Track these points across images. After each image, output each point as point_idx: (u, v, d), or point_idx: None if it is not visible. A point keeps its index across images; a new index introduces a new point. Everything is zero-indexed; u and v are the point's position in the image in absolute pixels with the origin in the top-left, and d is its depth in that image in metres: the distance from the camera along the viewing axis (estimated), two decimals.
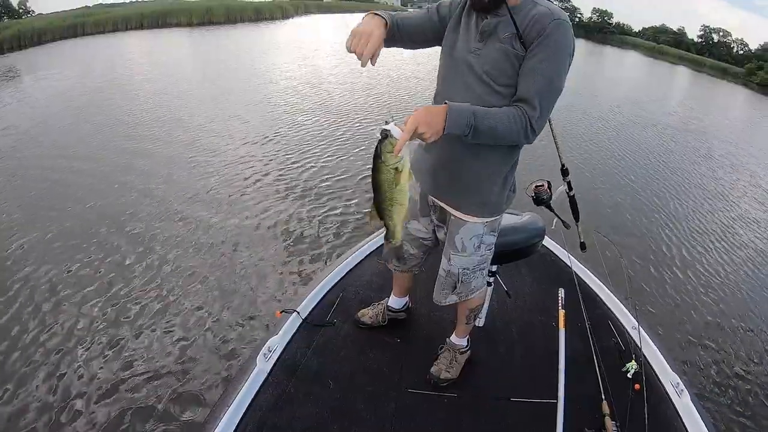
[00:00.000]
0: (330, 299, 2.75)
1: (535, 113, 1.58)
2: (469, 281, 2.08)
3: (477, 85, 1.69)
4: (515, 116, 1.58)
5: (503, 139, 1.63)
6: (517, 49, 1.60)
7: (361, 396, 2.21)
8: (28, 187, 6.32)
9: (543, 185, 2.35)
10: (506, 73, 1.64)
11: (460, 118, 1.54)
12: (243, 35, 29.04)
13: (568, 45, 1.58)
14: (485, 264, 2.09)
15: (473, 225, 1.93)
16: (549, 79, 1.58)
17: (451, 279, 2.07)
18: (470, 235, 1.95)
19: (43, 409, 3.03)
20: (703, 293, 4.90)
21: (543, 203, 2.34)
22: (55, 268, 4.49)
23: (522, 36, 1.58)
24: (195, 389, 3.20)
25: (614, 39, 70.41)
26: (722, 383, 3.69)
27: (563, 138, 2.54)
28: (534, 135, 1.62)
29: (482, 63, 1.67)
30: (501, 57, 1.63)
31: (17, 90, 12.81)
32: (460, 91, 1.73)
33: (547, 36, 1.54)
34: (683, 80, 33.40)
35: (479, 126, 1.55)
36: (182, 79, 14.10)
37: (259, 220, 5.57)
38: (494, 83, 1.66)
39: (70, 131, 8.93)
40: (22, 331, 3.70)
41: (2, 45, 25.24)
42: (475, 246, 1.98)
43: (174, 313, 3.92)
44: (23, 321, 3.82)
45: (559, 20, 1.55)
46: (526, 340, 2.61)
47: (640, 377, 2.20)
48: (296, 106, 11.17)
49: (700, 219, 6.94)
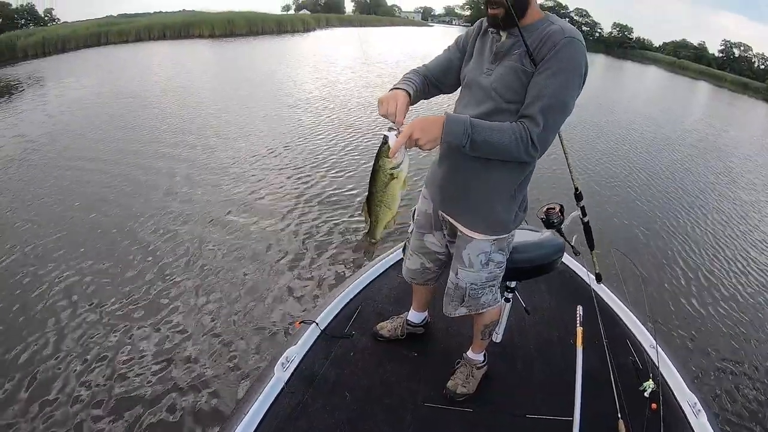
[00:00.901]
0: (349, 311, 2.77)
1: (537, 128, 1.57)
2: (478, 296, 2.08)
3: (487, 102, 1.72)
4: (516, 131, 1.58)
5: (503, 153, 1.62)
6: (525, 65, 1.61)
7: (377, 408, 2.22)
8: (56, 187, 6.51)
9: (554, 208, 2.36)
10: (513, 88, 1.65)
11: (457, 128, 1.56)
12: (265, 47, 29.42)
13: (579, 63, 1.57)
14: (495, 281, 2.09)
15: (480, 242, 1.94)
16: (555, 95, 1.57)
17: (459, 292, 2.09)
18: (477, 252, 1.96)
19: (64, 415, 3.08)
20: (724, 314, 4.82)
21: (553, 227, 2.35)
22: (71, 270, 4.63)
23: (532, 53, 1.59)
24: (212, 397, 3.23)
25: (634, 54, 70.28)
26: (740, 405, 3.63)
27: (578, 158, 2.55)
28: (536, 150, 1.61)
29: (491, 81, 1.70)
30: (509, 73, 1.65)
31: (35, 96, 13.25)
32: (472, 108, 1.76)
33: (557, 51, 1.54)
34: (703, 96, 33.04)
35: (476, 137, 1.57)
36: (202, 88, 14.38)
37: (280, 228, 5.64)
38: (501, 99, 1.68)
39: (90, 137, 9.24)
40: (31, 333, 3.80)
41: (26, 51, 25.89)
42: (482, 263, 1.99)
43: (193, 319, 3.98)
44: (30, 322, 3.95)
45: (571, 38, 1.55)
46: (544, 357, 2.61)
47: (657, 396, 2.19)
48: (320, 116, 11.41)
49: (718, 239, 6.83)
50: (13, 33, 30.85)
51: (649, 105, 20.73)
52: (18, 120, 10.75)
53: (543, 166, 7.79)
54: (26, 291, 4.35)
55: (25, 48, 26.31)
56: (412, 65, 1.92)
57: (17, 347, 3.64)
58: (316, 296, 4.32)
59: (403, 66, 21.20)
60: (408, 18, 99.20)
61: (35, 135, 9.34)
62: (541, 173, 7.47)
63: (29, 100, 12.96)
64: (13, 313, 4.04)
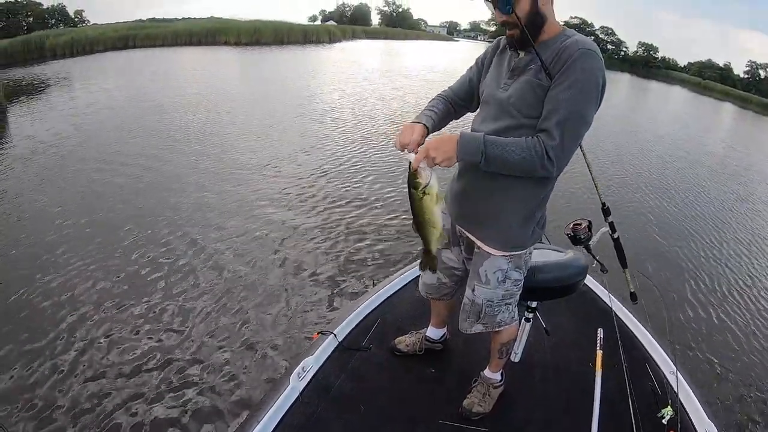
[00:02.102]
0: (367, 324, 2.77)
1: (553, 142, 1.58)
2: (494, 314, 2.08)
3: (504, 117, 1.74)
4: (531, 145, 1.60)
5: (519, 168, 1.64)
6: (541, 79, 1.63)
7: (392, 424, 2.22)
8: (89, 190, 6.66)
9: (581, 224, 2.32)
10: (529, 102, 1.66)
11: (471, 145, 1.62)
12: (287, 57, 29.74)
13: (595, 75, 1.57)
14: (512, 299, 2.09)
15: (497, 258, 1.94)
16: (570, 107, 1.57)
17: (475, 309, 2.08)
18: (494, 269, 1.96)
19: (75, 414, 3.13)
20: (747, 340, 4.73)
21: (580, 243, 2.31)
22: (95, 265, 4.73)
23: (548, 67, 1.60)
24: (225, 402, 3.27)
25: (659, 73, 69.67)
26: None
27: (602, 176, 2.53)
28: (552, 164, 1.61)
29: (508, 96, 1.72)
30: (525, 88, 1.67)
31: (58, 96, 13.74)
32: (489, 123, 1.79)
33: (572, 63, 1.55)
34: (728, 117, 32.63)
35: (490, 153, 1.61)
36: (224, 94, 14.72)
37: (300, 236, 5.71)
38: (519, 114, 1.69)
39: (115, 139, 9.52)
40: (47, 333, 3.87)
41: (55, 51, 26.61)
42: (499, 280, 1.98)
43: (208, 325, 4.03)
44: (46, 313, 4.08)
45: (585, 49, 1.56)
46: (562, 379, 2.59)
47: (675, 423, 2.15)
48: (347, 123, 11.65)
49: (743, 265, 6.72)
50: (43, 32, 31.72)
51: (674, 126, 20.52)
52: (43, 116, 11.16)
53: (564, 186, 7.85)
54: (47, 279, 4.54)
55: (54, 47, 27.11)
56: (433, 78, 1.96)
57: (31, 336, 3.77)
58: (335, 308, 4.34)
59: (425, 79, 21.34)
60: (434, 32, 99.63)
61: (64, 130, 9.79)
62: (561, 192, 7.48)
63: (52, 99, 13.51)
64: (30, 304, 4.19)
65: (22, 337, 3.77)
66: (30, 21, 54.73)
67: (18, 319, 3.99)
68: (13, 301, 4.22)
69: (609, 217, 2.34)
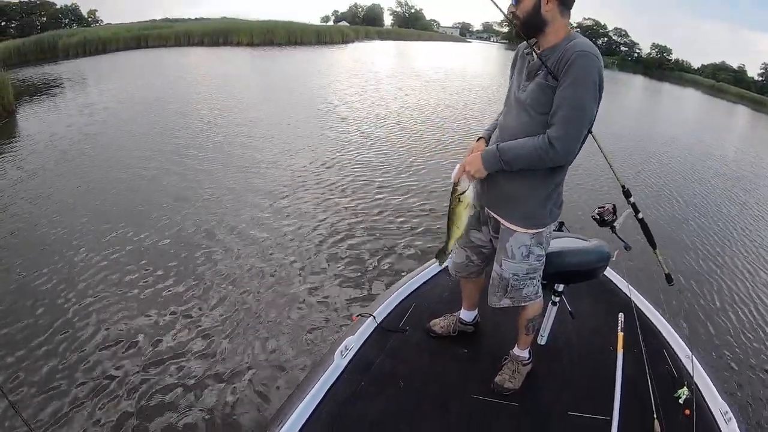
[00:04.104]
0: (404, 307, 2.97)
1: (557, 134, 1.86)
2: (520, 288, 2.30)
3: (523, 115, 2.02)
4: (536, 143, 1.91)
5: (533, 163, 1.95)
6: (549, 81, 1.89)
7: (429, 398, 2.38)
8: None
9: (606, 207, 2.54)
10: (541, 102, 1.93)
11: (491, 158, 2.01)
12: (300, 57, 29.89)
13: (591, 73, 1.82)
14: (536, 274, 2.31)
15: (521, 235, 2.18)
16: (571, 104, 1.83)
17: (503, 283, 2.30)
18: (519, 245, 2.20)
19: (129, 392, 3.35)
20: (763, 325, 4.91)
21: (606, 224, 2.51)
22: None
23: (552, 70, 1.86)
24: (275, 376, 3.54)
25: (673, 75, 69.04)
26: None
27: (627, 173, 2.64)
28: (557, 154, 1.88)
29: (526, 97, 2.00)
30: (538, 89, 1.94)
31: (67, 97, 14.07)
32: (512, 121, 2.09)
33: (570, 65, 1.80)
34: (742, 120, 32.34)
35: (506, 158, 1.97)
36: (235, 97, 14.92)
37: (336, 228, 6.02)
38: (534, 112, 1.97)
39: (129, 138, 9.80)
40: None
41: (68, 50, 26.84)
42: (523, 254, 2.22)
43: (254, 312, 4.29)
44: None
45: (582, 51, 1.80)
46: (585, 360, 2.75)
47: (690, 403, 2.30)
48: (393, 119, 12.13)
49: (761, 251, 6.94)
50: (56, 32, 32.03)
51: (685, 129, 20.45)
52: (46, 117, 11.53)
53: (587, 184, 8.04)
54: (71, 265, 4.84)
55: (66, 47, 27.37)
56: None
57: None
58: (371, 293, 4.59)
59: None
60: (446, 33, 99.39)
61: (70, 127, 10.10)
62: (585, 188, 7.64)
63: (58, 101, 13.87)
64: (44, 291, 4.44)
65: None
66: (44, 20, 55.23)
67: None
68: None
69: (630, 198, 2.46)
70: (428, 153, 9.85)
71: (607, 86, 1.87)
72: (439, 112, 14.34)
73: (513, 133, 2.04)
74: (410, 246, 5.65)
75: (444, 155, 9.64)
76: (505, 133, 2.11)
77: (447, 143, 10.66)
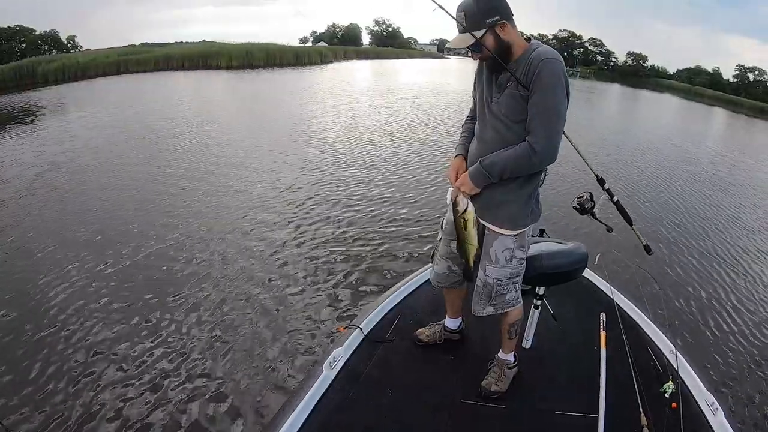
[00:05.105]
0: (389, 318, 3.00)
1: (536, 138, 1.97)
2: (504, 293, 2.35)
3: (498, 124, 2.12)
4: (517, 151, 2.02)
5: (521, 170, 2.08)
6: (520, 91, 1.99)
7: (418, 404, 2.41)
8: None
9: (584, 196, 2.58)
10: (516, 111, 2.03)
11: (477, 175, 2.14)
12: (281, 79, 30.07)
13: (558, 77, 1.93)
14: (518, 278, 2.37)
15: (505, 238, 2.26)
16: (546, 109, 1.95)
17: (487, 290, 2.35)
18: (502, 248, 2.27)
19: (126, 402, 3.38)
20: (743, 319, 4.99)
21: (587, 212, 2.55)
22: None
23: (522, 81, 1.97)
24: (263, 390, 3.56)
25: (650, 82, 70.03)
26: (757, 405, 3.77)
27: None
28: (539, 157, 1.99)
29: (500, 107, 2.09)
30: (511, 100, 2.04)
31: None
32: (489, 132, 2.18)
33: (537, 74, 1.92)
34: (720, 122, 32.82)
35: (491, 172, 2.09)
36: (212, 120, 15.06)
37: (321, 241, 6.08)
38: (510, 122, 2.07)
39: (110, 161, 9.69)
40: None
41: (47, 77, 26.55)
42: (506, 258, 2.28)
43: (238, 324, 4.34)
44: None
45: (546, 59, 1.92)
46: (570, 360, 2.79)
47: (677, 397, 2.33)
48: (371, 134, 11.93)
49: (738, 249, 7.08)
50: (35, 59, 31.76)
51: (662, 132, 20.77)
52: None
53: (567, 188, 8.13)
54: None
55: (45, 74, 27.12)
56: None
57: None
58: (358, 304, 4.64)
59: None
60: (424, 50, 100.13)
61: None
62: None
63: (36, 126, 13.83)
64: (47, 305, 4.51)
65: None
66: (23, 47, 54.86)
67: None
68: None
69: (605, 185, 2.60)
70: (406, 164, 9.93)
71: (585, 95, 1.96)
72: (412, 128, 14.59)
73: (492, 144, 2.13)
74: (393, 254, 5.77)
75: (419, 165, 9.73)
76: (484, 145, 2.19)
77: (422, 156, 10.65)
